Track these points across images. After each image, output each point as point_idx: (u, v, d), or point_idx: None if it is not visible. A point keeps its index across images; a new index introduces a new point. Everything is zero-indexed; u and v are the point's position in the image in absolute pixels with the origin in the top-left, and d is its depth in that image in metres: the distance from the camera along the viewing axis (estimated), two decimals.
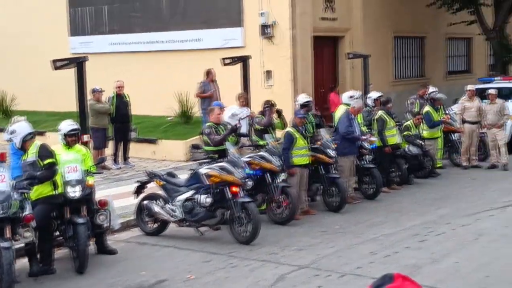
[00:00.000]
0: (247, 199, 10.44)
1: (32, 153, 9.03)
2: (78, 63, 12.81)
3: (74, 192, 9.25)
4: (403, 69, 25.17)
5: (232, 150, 10.92)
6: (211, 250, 10.15)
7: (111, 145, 17.17)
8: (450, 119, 17.28)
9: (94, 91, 16.46)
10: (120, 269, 9.37)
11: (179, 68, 20.91)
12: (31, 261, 9.07)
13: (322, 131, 13.61)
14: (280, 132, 13.52)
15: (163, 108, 20.13)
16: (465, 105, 17.12)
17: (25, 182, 8.58)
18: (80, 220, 9.20)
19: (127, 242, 10.96)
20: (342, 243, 10.32)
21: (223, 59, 16.66)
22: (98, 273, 9.20)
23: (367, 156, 13.97)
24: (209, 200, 10.41)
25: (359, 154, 13.64)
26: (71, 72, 13.03)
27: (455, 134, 17.43)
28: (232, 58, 16.85)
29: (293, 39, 19.39)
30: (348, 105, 13.61)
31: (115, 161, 17.05)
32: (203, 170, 10.58)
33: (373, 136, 14.19)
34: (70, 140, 9.83)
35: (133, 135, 17.84)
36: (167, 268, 9.33)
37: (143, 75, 21.51)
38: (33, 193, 8.88)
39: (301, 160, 12.08)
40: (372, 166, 13.75)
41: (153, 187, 11.44)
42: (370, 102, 15.86)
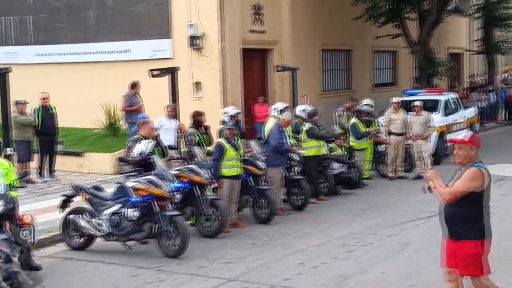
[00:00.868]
0: (175, 213, 10.34)
1: None
2: (1, 74, 12.47)
3: None
4: (331, 81, 25.53)
5: (159, 163, 10.79)
6: (139, 265, 9.99)
7: (36, 158, 16.74)
8: (375, 131, 17.61)
9: (17, 103, 16.05)
10: (45, 286, 9.09)
11: (107, 79, 20.63)
12: None
13: (252, 142, 13.63)
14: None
15: (90, 120, 19.81)
16: (391, 117, 17.49)
17: None
18: (2, 236, 8.89)
19: (52, 257, 10.68)
20: (271, 255, 10.33)
21: (151, 70, 16.52)
22: None
23: (295, 168, 14.08)
24: (136, 213, 10.25)
25: (288, 165, 13.73)
26: None
27: (382, 146, 17.76)
28: (160, 70, 16.73)
29: (222, 51, 19.41)
30: (278, 118, 13.72)
31: (41, 174, 16.63)
32: (130, 183, 10.42)
33: (301, 148, 14.29)
34: None
35: (59, 147, 17.42)
36: (94, 284, 9.13)
37: (70, 87, 21.14)
38: None
39: (231, 172, 12.06)
40: (300, 177, 13.85)
41: (79, 201, 11.19)
42: (302, 114, 15.97)
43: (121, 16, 21.13)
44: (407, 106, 20.28)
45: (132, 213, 10.26)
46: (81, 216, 10.79)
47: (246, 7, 20.66)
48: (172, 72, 16.67)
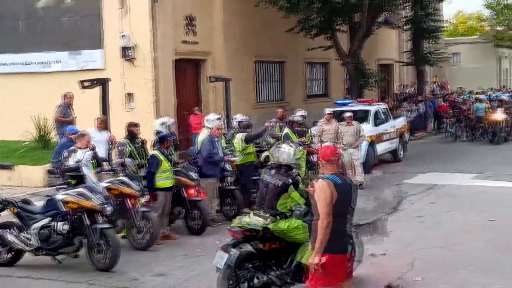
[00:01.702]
0: (106, 225, 10.23)
1: None
2: None
3: None
4: (265, 92, 25.71)
5: (90, 175, 10.66)
6: (69, 279, 9.82)
7: None
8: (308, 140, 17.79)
9: None
10: None
11: (37, 91, 20.27)
12: None
13: (184, 153, 13.60)
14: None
15: (19, 132, 19.39)
16: (323, 127, 17.73)
17: None
18: None
19: None
20: (203, 266, 10.28)
21: (82, 81, 16.27)
22: None
23: (229, 178, 14.11)
24: (66, 227, 10.09)
25: (221, 176, 13.76)
26: None
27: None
28: (91, 81, 16.47)
29: (154, 61, 19.34)
30: (210, 128, 13.74)
31: None
32: (60, 196, 10.25)
33: (234, 156, 14.34)
34: None
35: None
36: None
37: None
38: None
39: (166, 183, 12.03)
40: (233, 187, 13.88)
41: (7, 215, 10.93)
42: (235, 124, 16.02)
43: (51, 26, 20.80)
44: (339, 116, 20.64)
45: (62, 226, 10.09)
46: (9, 231, 10.54)
47: (179, 18, 20.65)
48: (103, 83, 16.42)
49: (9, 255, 10.71)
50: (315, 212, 6.38)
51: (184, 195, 12.54)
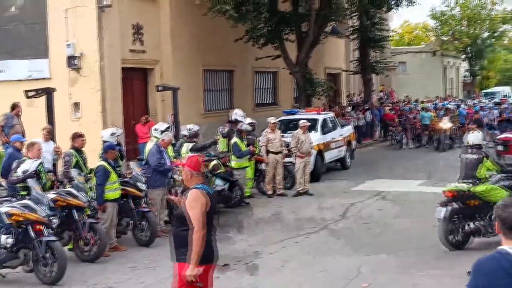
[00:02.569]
0: (52, 238, 10.04)
1: None
2: None
3: None
4: (214, 101, 25.67)
5: (35, 186, 10.47)
6: None
7: None
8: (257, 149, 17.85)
9: None
10: None
11: None
12: None
13: (132, 164, 13.49)
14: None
15: None
16: (268, 136, 17.83)
17: None
18: None
19: None
20: (152, 278, 10.22)
21: (26, 91, 15.98)
22: None
23: (177, 188, 14.00)
24: (10, 240, 9.88)
25: (170, 186, 13.68)
26: None
27: (262, 164, 18.02)
28: (36, 90, 16.17)
29: (101, 70, 19.10)
30: (158, 138, 13.66)
31: None
32: (4, 208, 10.03)
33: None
34: None
35: None
36: None
37: None
38: None
39: (114, 194, 11.91)
40: None
41: None
42: (186, 133, 15.94)
43: None
44: (288, 125, 20.77)
45: (5, 239, 9.88)
46: None
47: (126, 27, 20.48)
48: (48, 93, 16.13)
49: None
50: (189, 223, 6.20)
51: (132, 206, 12.42)
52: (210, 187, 6.69)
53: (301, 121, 18.34)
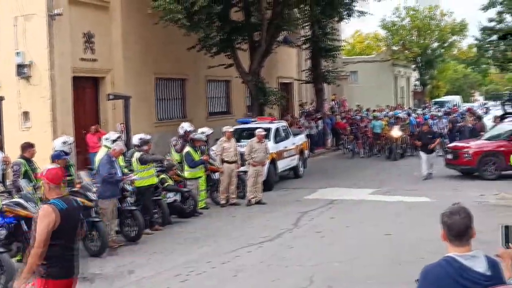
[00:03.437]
0: (0, 250, 9.83)
1: None
2: None
3: None
4: (166, 110, 25.52)
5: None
6: None
7: None
8: (210, 159, 17.80)
9: None
10: None
11: None
12: None
13: (82, 173, 13.31)
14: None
15: None
16: (223, 145, 17.78)
17: None
18: None
19: None
20: None
21: None
22: None
23: (129, 198, 13.90)
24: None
25: (121, 196, 13.54)
26: None
27: (216, 174, 17.98)
28: None
29: (51, 79, 18.83)
30: (109, 148, 13.52)
31: None
32: None
33: (134, 175, 14.16)
34: None
35: None
36: None
37: None
38: None
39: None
40: (134, 208, 13.68)
41: None
42: (137, 142, 15.78)
43: None
44: (241, 134, 20.79)
45: None
46: None
47: (77, 35, 20.27)
48: None
49: None
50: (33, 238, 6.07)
51: (81, 216, 12.22)
52: (70, 201, 6.45)
53: (257, 130, 18.36)
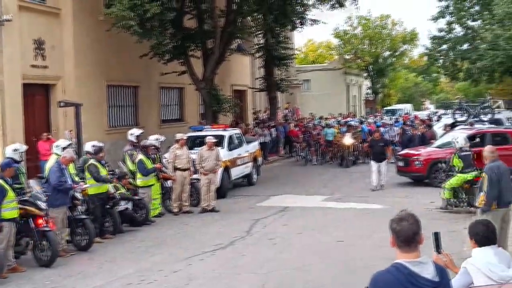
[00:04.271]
0: None
1: None
2: None
3: None
4: (118, 117, 25.30)
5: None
6: None
7: None
8: (163, 167, 17.70)
9: None
10: None
11: None
12: None
13: (31, 182, 13.10)
14: None
15: None
16: (176, 153, 17.70)
17: None
18: None
19: None
20: None
21: None
22: None
23: (79, 207, 13.72)
24: None
25: (72, 205, 13.36)
26: None
27: (168, 181, 17.88)
28: None
29: (1, 86, 18.48)
30: (59, 155, 13.35)
31: None
32: None
33: (85, 184, 14.00)
34: None
35: None
36: None
37: None
38: None
39: (12, 214, 11.51)
40: (84, 217, 13.51)
41: None
42: (89, 149, 15.61)
43: None
44: (194, 142, 20.74)
45: None
46: None
47: (27, 41, 19.95)
48: None
49: None
50: None
51: (32, 225, 12.04)
52: None
53: (207, 138, 18.33)
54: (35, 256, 12.16)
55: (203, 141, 18.84)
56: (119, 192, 15.40)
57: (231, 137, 21.85)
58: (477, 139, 20.81)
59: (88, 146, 15.93)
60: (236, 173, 21.44)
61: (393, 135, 30.73)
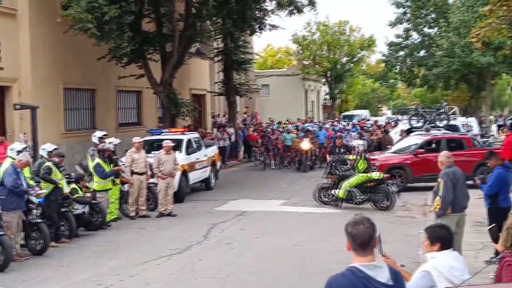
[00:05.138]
0: None
1: None
2: None
3: None
4: (75, 120, 25.00)
5: None
6: None
7: None
8: (121, 170, 17.55)
9: None
10: None
11: None
12: None
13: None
14: None
15: None
16: (133, 157, 17.58)
17: None
18: None
19: None
20: None
21: None
22: None
23: (34, 211, 13.52)
24: None
25: (26, 208, 13.16)
26: None
27: (126, 185, 17.74)
28: None
29: None
30: (14, 158, 13.14)
31: None
32: None
33: (41, 189, 13.81)
34: None
35: None
36: None
37: None
38: None
39: None
40: (40, 220, 13.32)
41: None
42: (44, 154, 15.37)
43: None
44: (152, 146, 20.63)
45: None
46: None
47: None
48: None
49: None
50: None
51: None
52: None
53: (164, 141, 18.26)
54: None
55: (161, 145, 18.75)
56: (76, 195, 15.23)
57: (189, 141, 21.77)
58: (433, 145, 21.12)
59: (44, 150, 15.68)
60: (194, 177, 21.38)
61: (350, 140, 30.99)
